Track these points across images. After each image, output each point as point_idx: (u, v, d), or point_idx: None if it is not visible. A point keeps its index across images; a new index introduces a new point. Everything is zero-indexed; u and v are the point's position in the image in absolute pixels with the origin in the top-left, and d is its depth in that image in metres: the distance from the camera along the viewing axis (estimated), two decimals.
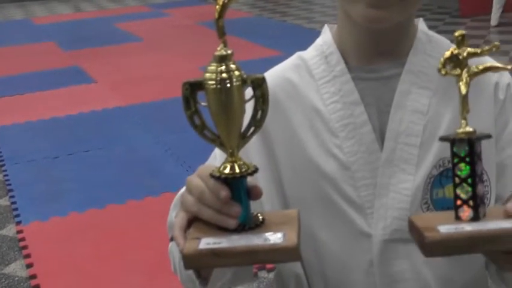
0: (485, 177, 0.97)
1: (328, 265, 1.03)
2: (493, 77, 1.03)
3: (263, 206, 0.85)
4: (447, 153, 0.81)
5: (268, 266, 3.06)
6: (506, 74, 1.04)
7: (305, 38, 1.56)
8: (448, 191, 0.93)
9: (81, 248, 3.63)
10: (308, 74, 1.05)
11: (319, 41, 1.07)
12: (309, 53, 1.08)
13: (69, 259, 3.52)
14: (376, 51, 1.02)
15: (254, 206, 0.80)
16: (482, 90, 1.01)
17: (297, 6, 12.06)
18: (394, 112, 1.00)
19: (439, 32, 1.07)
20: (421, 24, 1.05)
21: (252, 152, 0.78)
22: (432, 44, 1.03)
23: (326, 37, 1.07)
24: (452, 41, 0.83)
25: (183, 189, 0.98)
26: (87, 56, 8.59)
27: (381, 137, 1.00)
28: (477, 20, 9.49)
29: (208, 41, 0.86)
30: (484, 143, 0.79)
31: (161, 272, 2.97)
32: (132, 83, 7.12)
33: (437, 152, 0.98)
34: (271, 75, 1.01)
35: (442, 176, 0.98)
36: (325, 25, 1.09)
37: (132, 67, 7.91)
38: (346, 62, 1.03)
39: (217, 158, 1.03)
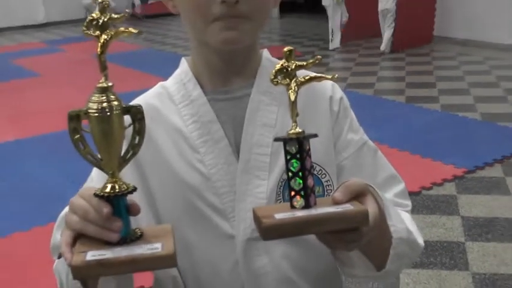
0: (327, 178, 1.05)
1: (200, 268, 1.06)
2: (327, 92, 1.11)
3: (139, 222, 0.88)
4: None
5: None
6: (338, 89, 1.13)
7: None
8: None
9: None
10: (169, 99, 1.09)
11: (177, 71, 1.12)
12: (170, 82, 1.12)
13: None
14: (227, 73, 1.07)
15: (132, 222, 0.82)
16: (318, 104, 1.08)
17: (184, 38, 12.11)
18: (246, 127, 1.05)
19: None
20: (265, 53, 1.12)
21: (125, 174, 0.81)
22: (274, 67, 1.10)
23: (183, 67, 1.11)
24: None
25: (64, 211, 0.99)
26: None
27: (237, 150, 1.05)
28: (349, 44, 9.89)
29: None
30: (326, 150, 0.84)
31: None
32: (31, 116, 6.91)
33: None
34: (137, 102, 1.03)
35: None
36: (182, 58, 1.13)
37: (30, 101, 7.68)
38: (202, 87, 1.08)
39: (93, 180, 1.05)
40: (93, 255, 0.75)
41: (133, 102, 1.00)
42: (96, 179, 1.04)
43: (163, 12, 15.13)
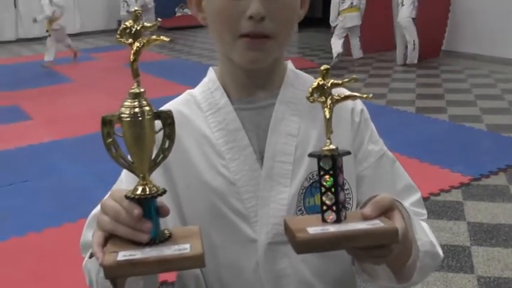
0: (346, 186, 1.02)
1: (223, 269, 1.04)
2: (349, 104, 1.08)
3: (166, 224, 0.87)
4: (315, 168, 0.84)
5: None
6: (360, 101, 1.10)
7: None
8: (317, 199, 0.96)
9: (22, 268, 3.49)
10: (197, 107, 1.07)
11: (205, 80, 1.10)
12: (197, 90, 1.10)
13: (10, 280, 3.38)
14: (252, 85, 1.05)
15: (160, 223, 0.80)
16: (341, 115, 1.06)
17: (209, 49, 12.16)
18: (270, 136, 1.03)
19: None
20: (289, 65, 1.10)
21: (154, 176, 0.80)
22: (299, 79, 1.08)
23: (211, 76, 1.10)
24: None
25: (95, 211, 0.97)
26: (25, 96, 8.35)
27: (261, 157, 1.03)
28: (363, 57, 9.85)
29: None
30: (346, 159, 0.83)
31: None
32: (65, 119, 6.95)
33: (307, 167, 1.02)
34: (165, 108, 1.02)
35: (312, 187, 1.02)
36: (210, 67, 1.12)
37: (64, 105, 7.73)
38: (228, 96, 1.06)
39: (123, 181, 1.04)
40: (124, 255, 0.73)
41: (162, 109, 0.98)
42: (126, 180, 1.03)
43: (189, 25, 15.23)
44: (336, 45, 9.28)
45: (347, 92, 0.87)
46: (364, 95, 0.86)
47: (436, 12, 9.51)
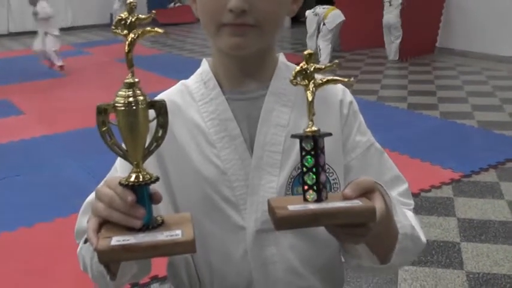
0: (334, 176, 1.05)
1: (212, 255, 1.07)
2: (338, 96, 1.11)
3: (158, 210, 0.89)
4: None
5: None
6: (348, 93, 1.13)
7: None
8: None
9: (13, 263, 3.51)
10: (190, 97, 1.09)
11: (199, 70, 1.13)
12: (191, 81, 1.13)
13: (1, 275, 3.39)
14: (243, 76, 1.07)
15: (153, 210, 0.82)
16: (329, 107, 1.08)
17: (201, 44, 12.16)
18: (261, 126, 1.05)
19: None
20: (281, 57, 1.12)
21: (148, 164, 0.82)
22: (290, 71, 1.09)
23: (204, 67, 1.12)
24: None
25: (90, 198, 1.00)
26: (16, 90, 8.32)
27: (251, 147, 1.05)
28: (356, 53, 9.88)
29: (125, 75, 0.88)
30: (335, 150, 0.85)
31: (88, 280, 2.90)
32: (57, 113, 6.94)
33: (296, 157, 1.03)
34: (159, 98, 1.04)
35: (300, 176, 1.04)
36: (204, 59, 1.14)
37: (57, 99, 7.72)
38: (220, 87, 1.08)
39: (117, 170, 1.07)
40: (117, 240, 0.75)
41: (156, 99, 1.00)
42: (120, 169, 1.05)
43: (181, 22, 15.22)
44: (326, 49, 9.23)
45: (329, 77, 0.89)
46: (346, 79, 0.88)
47: (430, 9, 9.56)
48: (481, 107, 6.63)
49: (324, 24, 9.11)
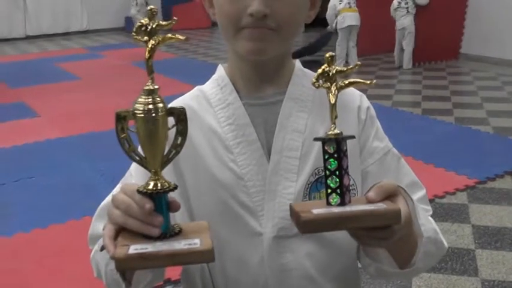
0: (352, 182, 1.03)
1: (227, 260, 1.06)
2: (356, 101, 1.10)
3: (175, 218, 0.88)
4: (321, 163, 0.85)
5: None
6: (366, 99, 1.12)
7: None
8: (322, 194, 0.96)
9: (27, 264, 3.52)
10: (206, 102, 1.09)
11: (215, 76, 1.12)
12: (207, 86, 1.12)
13: (15, 275, 3.40)
14: (260, 81, 1.07)
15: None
16: (347, 112, 1.07)
17: (215, 48, 12.17)
18: (278, 131, 1.05)
19: None
20: (297, 63, 1.12)
21: (164, 170, 0.81)
22: (306, 77, 1.09)
23: (220, 73, 1.11)
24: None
25: (105, 202, 0.99)
26: (31, 93, 8.38)
27: (268, 152, 1.04)
28: (370, 58, 9.85)
29: (140, 79, 0.88)
30: (352, 155, 0.85)
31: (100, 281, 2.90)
32: (71, 116, 6.98)
33: (313, 162, 1.03)
34: (176, 104, 1.04)
35: (317, 182, 1.04)
36: (219, 64, 1.13)
37: (71, 102, 7.75)
38: (237, 92, 1.07)
39: (132, 175, 1.06)
40: (135, 248, 0.74)
41: (172, 104, 0.99)
42: (135, 174, 1.04)
43: (195, 27, 15.24)
44: (342, 48, 9.19)
45: (351, 79, 0.89)
46: (368, 81, 0.88)
47: (449, 14, 9.49)
48: (497, 113, 6.58)
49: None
